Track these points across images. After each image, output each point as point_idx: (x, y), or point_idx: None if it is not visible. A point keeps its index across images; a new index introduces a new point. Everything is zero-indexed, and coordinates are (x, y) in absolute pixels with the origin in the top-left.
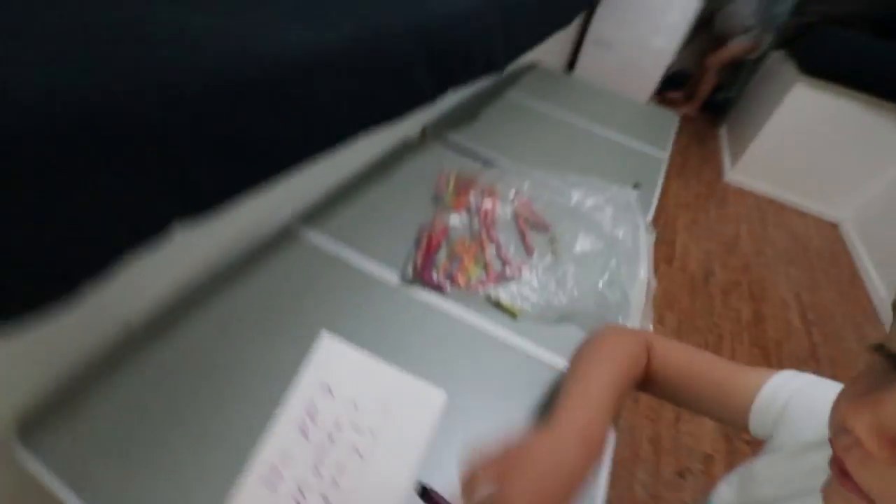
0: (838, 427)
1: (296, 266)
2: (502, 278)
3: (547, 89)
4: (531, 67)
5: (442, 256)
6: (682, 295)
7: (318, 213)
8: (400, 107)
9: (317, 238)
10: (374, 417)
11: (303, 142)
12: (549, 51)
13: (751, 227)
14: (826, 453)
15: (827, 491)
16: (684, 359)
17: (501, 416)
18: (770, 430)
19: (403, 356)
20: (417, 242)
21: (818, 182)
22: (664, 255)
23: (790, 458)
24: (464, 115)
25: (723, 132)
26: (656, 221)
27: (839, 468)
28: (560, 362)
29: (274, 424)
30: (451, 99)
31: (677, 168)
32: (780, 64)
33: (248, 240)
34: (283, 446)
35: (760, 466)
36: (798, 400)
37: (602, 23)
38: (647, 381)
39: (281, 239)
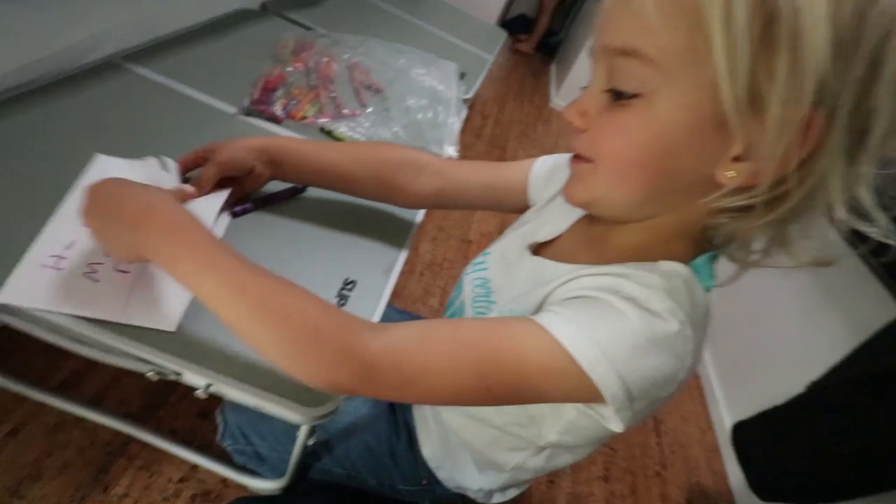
0: (568, 129)
1: (123, 93)
2: (338, 117)
3: None
4: None
5: (280, 95)
6: None
7: (148, 53)
8: None
9: (147, 73)
10: None
11: None
12: None
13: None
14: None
15: (565, 187)
16: (459, 168)
17: None
18: (540, 195)
19: None
20: (255, 83)
21: None
22: (498, 158)
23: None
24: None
25: (552, 68)
26: (478, 111)
27: (573, 157)
28: None
29: (54, 221)
30: None
31: (515, 93)
32: (591, 6)
33: (65, 64)
34: (66, 237)
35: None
36: (560, 162)
37: None
38: (437, 193)
39: (105, 70)
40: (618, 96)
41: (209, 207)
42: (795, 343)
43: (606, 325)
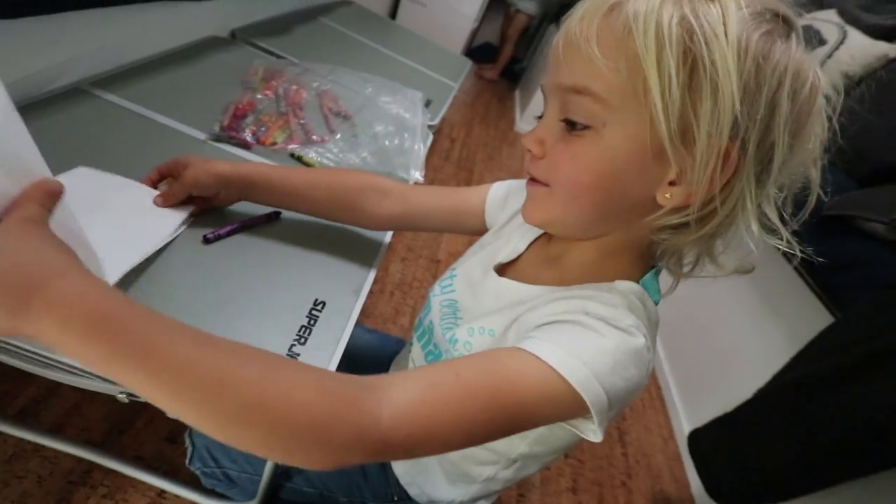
0: (524, 155)
1: (91, 119)
2: (307, 143)
3: (361, 23)
4: (347, 3)
5: (249, 121)
6: None
7: (117, 79)
8: None
9: (115, 99)
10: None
11: None
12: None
13: None
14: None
15: (523, 208)
16: (420, 193)
17: None
18: (496, 218)
19: None
20: (225, 109)
21: None
22: (466, 179)
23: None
24: (275, 28)
25: (517, 94)
26: (446, 134)
27: (528, 180)
28: None
29: None
30: (264, 10)
31: (481, 118)
32: (551, 37)
33: (32, 90)
34: None
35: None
36: (514, 187)
37: None
38: (399, 217)
39: (72, 96)
40: (571, 126)
41: (171, 220)
42: (745, 352)
43: (588, 344)
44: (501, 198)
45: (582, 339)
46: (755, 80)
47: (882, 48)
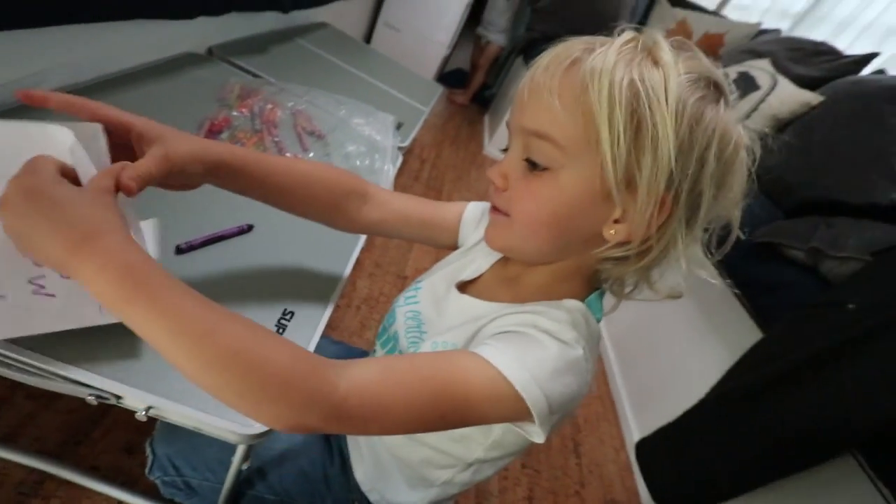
0: (489, 186)
1: None
2: None
3: (336, 45)
4: (323, 25)
5: (224, 137)
6: None
7: (92, 91)
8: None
9: None
10: None
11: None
12: (345, 22)
13: None
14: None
15: (486, 232)
16: (400, 202)
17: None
18: (467, 237)
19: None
20: (200, 125)
21: None
22: (434, 199)
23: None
24: (252, 47)
25: (486, 118)
26: (416, 155)
27: (491, 208)
28: None
29: None
30: (241, 29)
31: (451, 140)
32: (519, 67)
33: (2, 100)
34: None
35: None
36: (487, 209)
37: (392, 9)
38: (376, 223)
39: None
40: (533, 166)
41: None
42: (689, 366)
43: (532, 353)
44: (476, 219)
45: (527, 348)
46: (689, 140)
47: (806, 97)
